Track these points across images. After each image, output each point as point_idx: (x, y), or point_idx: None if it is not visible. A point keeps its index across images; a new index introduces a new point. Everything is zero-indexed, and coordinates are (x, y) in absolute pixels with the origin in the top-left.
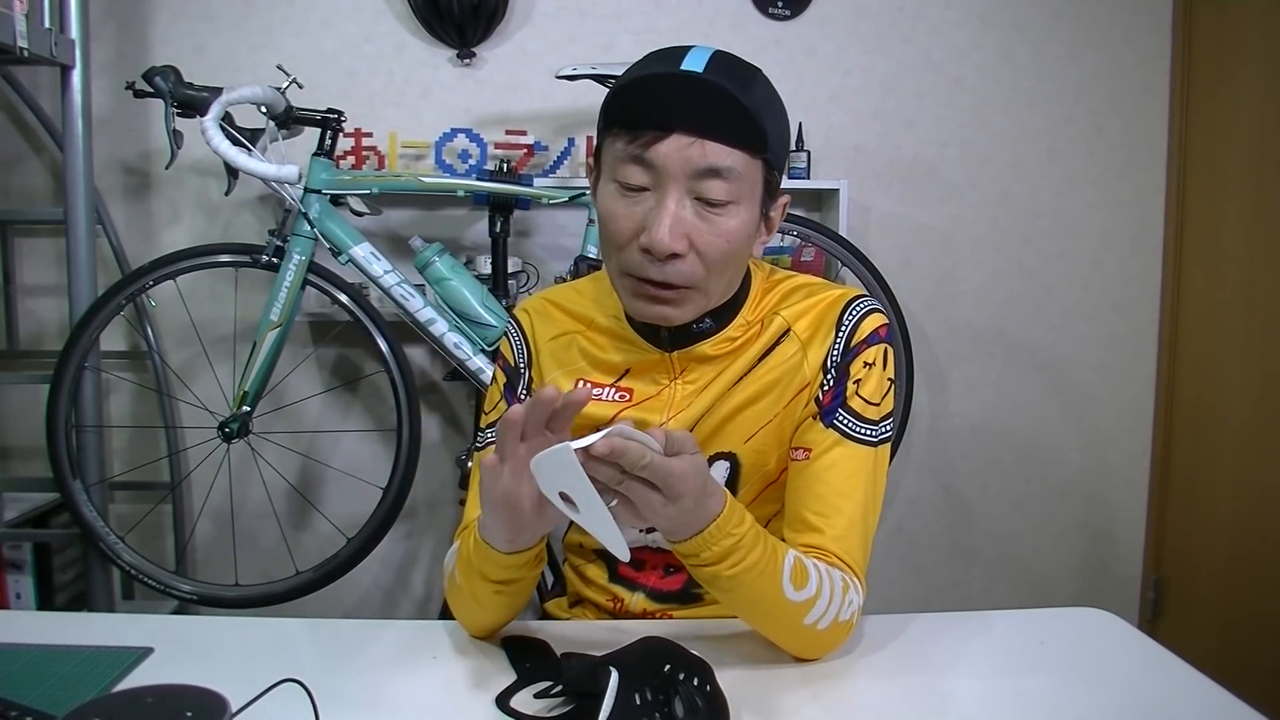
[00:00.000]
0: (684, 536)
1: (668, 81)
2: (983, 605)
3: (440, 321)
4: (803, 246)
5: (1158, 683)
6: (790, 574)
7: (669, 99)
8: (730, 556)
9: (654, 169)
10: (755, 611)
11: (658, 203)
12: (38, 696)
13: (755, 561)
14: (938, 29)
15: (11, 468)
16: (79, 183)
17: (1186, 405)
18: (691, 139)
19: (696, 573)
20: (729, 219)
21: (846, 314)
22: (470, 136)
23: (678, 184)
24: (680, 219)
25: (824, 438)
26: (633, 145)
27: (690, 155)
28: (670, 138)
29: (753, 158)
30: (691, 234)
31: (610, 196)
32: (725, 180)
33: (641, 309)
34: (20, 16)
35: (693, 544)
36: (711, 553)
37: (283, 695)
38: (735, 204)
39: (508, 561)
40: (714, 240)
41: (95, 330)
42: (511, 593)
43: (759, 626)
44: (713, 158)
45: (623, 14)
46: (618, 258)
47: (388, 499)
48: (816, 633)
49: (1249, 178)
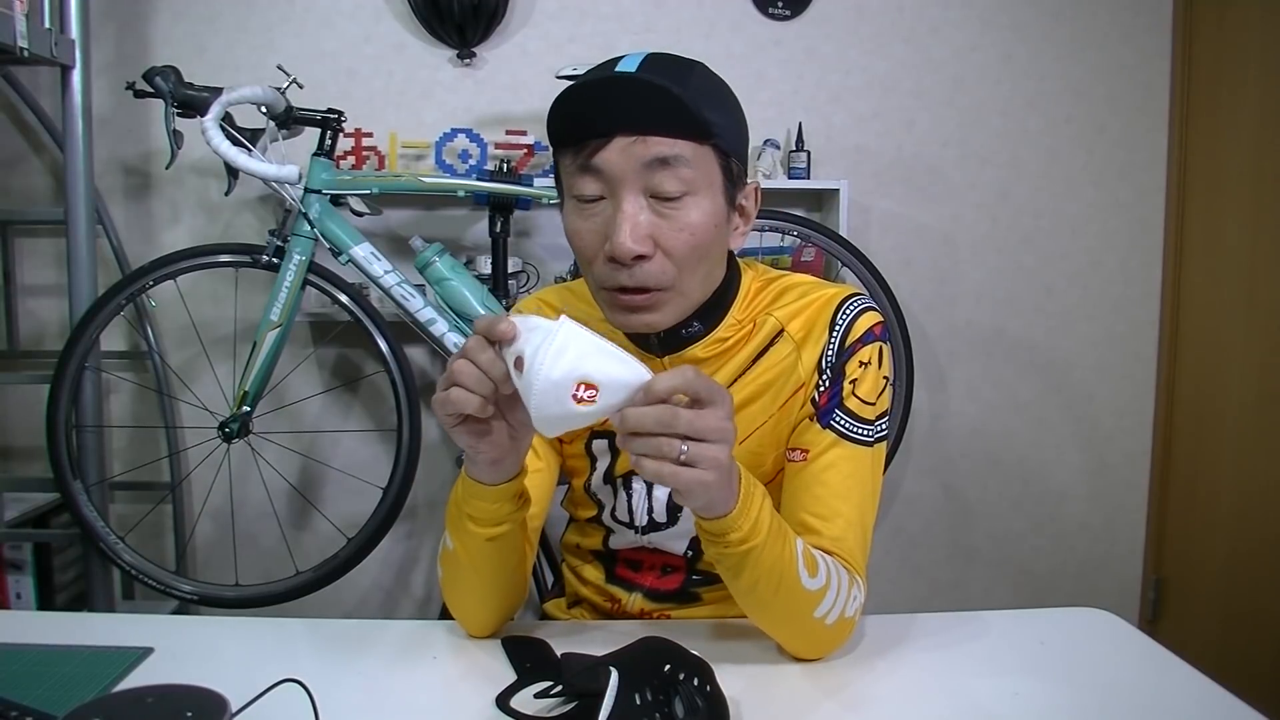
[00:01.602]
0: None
1: (601, 87)
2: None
3: (440, 322)
4: (803, 246)
5: (1158, 683)
6: (803, 559)
7: (604, 104)
8: (759, 529)
9: (603, 175)
10: (771, 600)
11: (614, 209)
12: (38, 696)
13: (779, 533)
14: (938, 29)
15: (12, 468)
16: (79, 183)
17: (1186, 405)
18: (633, 137)
19: (723, 553)
20: (688, 211)
21: (840, 313)
22: (470, 136)
23: (630, 185)
24: (638, 221)
25: (821, 439)
26: (580, 157)
27: (635, 153)
28: (612, 142)
29: (700, 144)
30: (654, 234)
31: (570, 215)
32: (674, 169)
33: (623, 321)
34: (20, 16)
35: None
36: (748, 522)
37: (283, 695)
38: (692, 195)
39: (494, 494)
40: (677, 235)
41: (95, 330)
42: (502, 549)
43: (769, 618)
44: (656, 149)
45: (623, 14)
46: (591, 274)
47: (388, 499)
48: (824, 628)
49: (1249, 178)
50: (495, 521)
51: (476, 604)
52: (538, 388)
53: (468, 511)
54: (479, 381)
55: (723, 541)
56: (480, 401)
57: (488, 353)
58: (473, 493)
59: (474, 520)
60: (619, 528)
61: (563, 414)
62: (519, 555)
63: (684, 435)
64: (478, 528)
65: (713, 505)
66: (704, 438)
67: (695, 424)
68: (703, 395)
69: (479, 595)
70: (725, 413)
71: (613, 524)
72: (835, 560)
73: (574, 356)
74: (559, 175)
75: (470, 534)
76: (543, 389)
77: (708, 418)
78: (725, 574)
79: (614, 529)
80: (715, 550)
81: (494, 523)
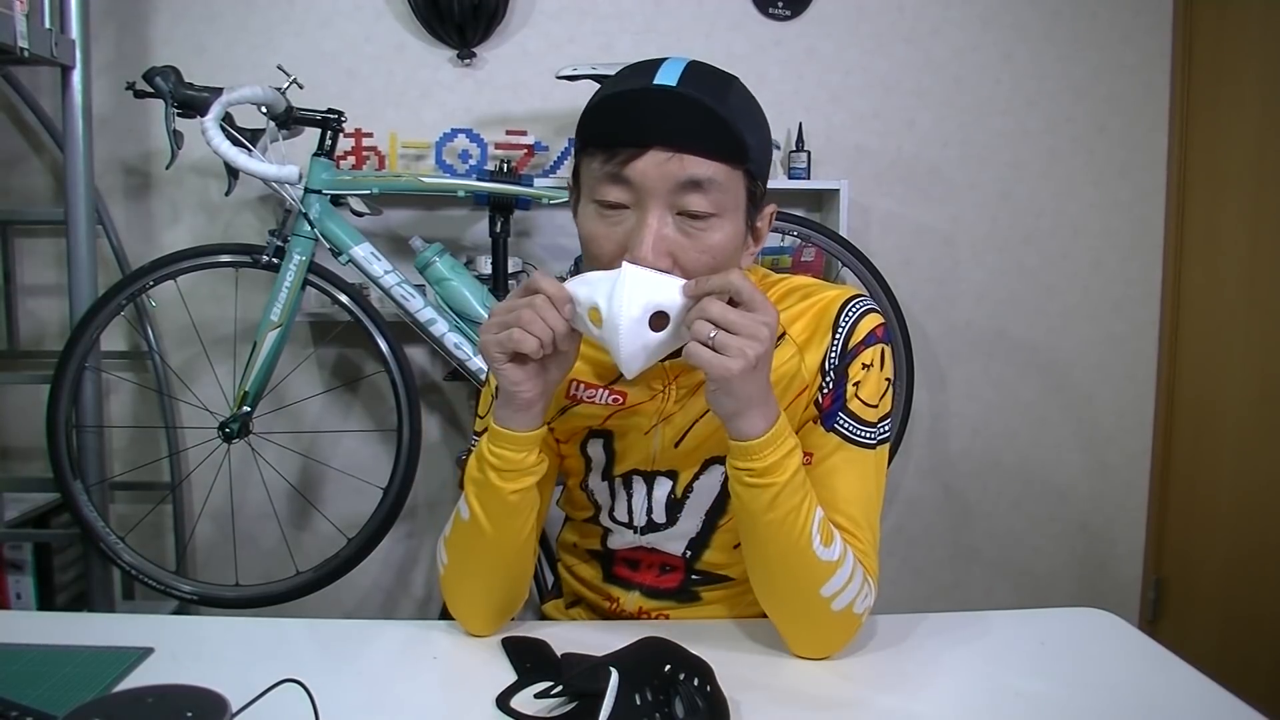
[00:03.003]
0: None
1: (641, 97)
2: (983, 605)
3: (440, 322)
4: (803, 246)
5: (1158, 683)
6: (819, 526)
7: (643, 115)
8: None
9: (632, 186)
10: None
11: (639, 221)
12: (38, 696)
13: (802, 485)
14: (938, 29)
15: (12, 468)
16: (79, 183)
17: (1186, 405)
18: (669, 154)
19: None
20: (713, 233)
21: (843, 315)
22: (470, 137)
23: (658, 200)
24: (662, 236)
25: (825, 442)
26: (610, 164)
27: (669, 170)
28: (647, 154)
29: (733, 168)
30: (675, 251)
31: (590, 218)
32: (706, 192)
33: None
34: (21, 16)
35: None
36: (775, 454)
37: (283, 695)
38: (718, 217)
39: (523, 440)
40: (698, 257)
41: (95, 330)
42: (523, 509)
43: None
44: (691, 170)
45: (623, 14)
46: None
47: (388, 499)
48: (831, 613)
49: (1249, 178)
50: (522, 471)
51: (483, 590)
52: (623, 329)
53: (493, 464)
54: (542, 328)
55: (748, 469)
56: (537, 344)
57: (550, 309)
58: (501, 441)
59: (500, 472)
60: (617, 528)
61: (645, 344)
62: (532, 527)
63: (715, 322)
64: (503, 481)
65: (740, 412)
66: (734, 330)
67: (727, 315)
68: (744, 297)
69: (489, 574)
70: (763, 318)
71: (611, 524)
72: (851, 549)
73: (644, 292)
74: (579, 173)
75: (494, 490)
76: (627, 328)
77: (742, 314)
78: (743, 520)
79: (612, 529)
80: (738, 484)
81: (521, 472)
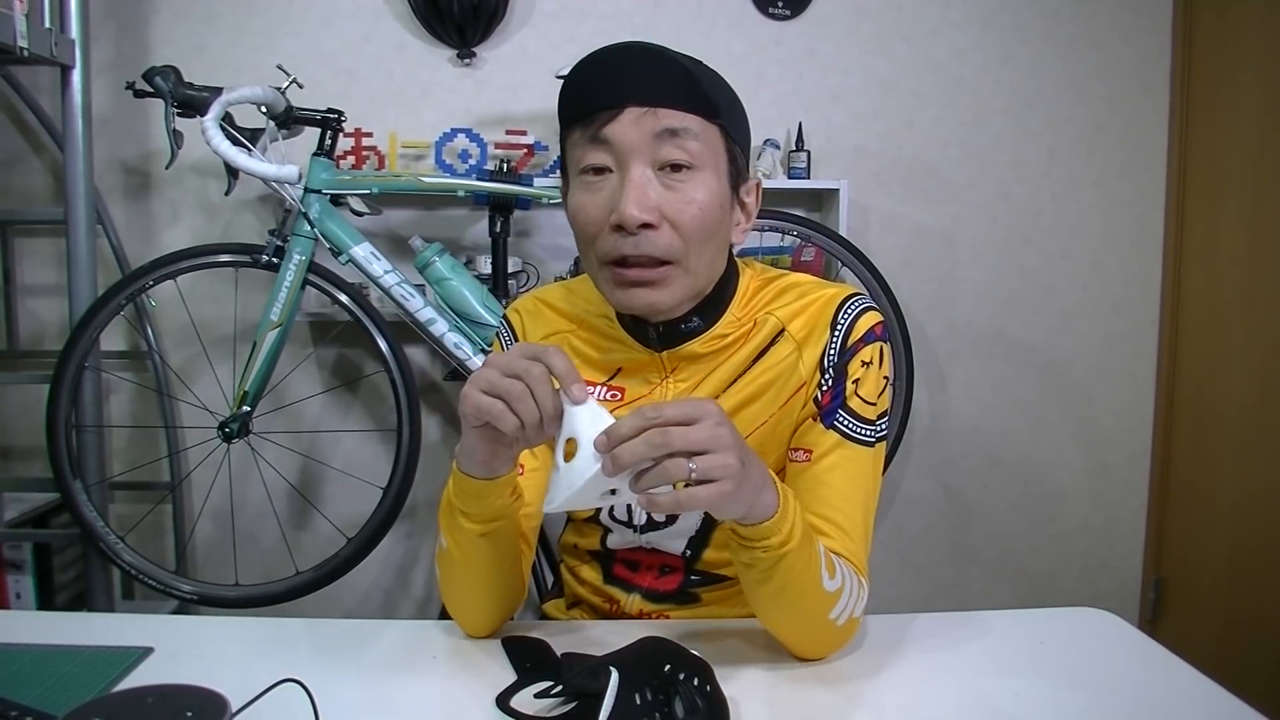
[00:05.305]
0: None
1: (610, 57)
2: (983, 605)
3: (440, 321)
4: (803, 246)
5: (1158, 683)
6: (824, 561)
7: (614, 75)
8: (795, 531)
9: (612, 146)
10: (794, 604)
11: (622, 179)
12: (38, 696)
13: (808, 535)
14: (938, 29)
15: (11, 468)
16: (79, 183)
17: (1186, 405)
18: (644, 109)
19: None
20: (696, 187)
21: (841, 313)
22: (470, 136)
23: (639, 157)
24: (646, 190)
25: (824, 439)
26: (589, 129)
27: (645, 125)
28: (624, 113)
29: (708, 121)
30: (661, 204)
31: (576, 192)
32: (682, 140)
33: (625, 299)
34: (20, 16)
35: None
36: (787, 525)
37: (283, 695)
38: (699, 169)
39: (487, 489)
40: (685, 208)
41: (95, 330)
42: (497, 544)
43: (786, 621)
44: (666, 121)
45: (623, 14)
46: (594, 249)
47: (388, 499)
48: (835, 629)
49: (1249, 178)
50: (489, 517)
51: (473, 603)
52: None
53: (460, 507)
54: (529, 409)
55: (761, 546)
56: (517, 425)
57: (547, 388)
58: (465, 489)
59: (467, 516)
60: (617, 527)
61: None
62: (514, 553)
63: (684, 452)
64: (471, 523)
65: (753, 511)
66: (705, 449)
67: (689, 436)
68: (678, 418)
69: (475, 594)
70: (713, 420)
71: (610, 523)
72: (843, 561)
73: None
74: (565, 160)
75: (463, 530)
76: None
77: (699, 430)
78: (753, 579)
79: (612, 528)
80: (750, 555)
81: (488, 518)
